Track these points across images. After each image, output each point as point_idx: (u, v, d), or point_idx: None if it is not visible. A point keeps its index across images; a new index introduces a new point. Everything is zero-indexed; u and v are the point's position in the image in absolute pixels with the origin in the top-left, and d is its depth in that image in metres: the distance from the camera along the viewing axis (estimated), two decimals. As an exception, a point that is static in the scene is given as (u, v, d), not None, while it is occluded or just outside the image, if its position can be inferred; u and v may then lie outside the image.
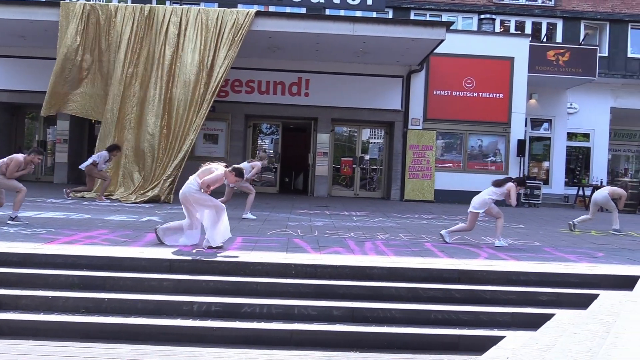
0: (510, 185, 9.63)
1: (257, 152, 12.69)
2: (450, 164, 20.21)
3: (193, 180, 8.10)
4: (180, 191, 8.16)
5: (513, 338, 5.81)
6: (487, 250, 9.11)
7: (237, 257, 7.46)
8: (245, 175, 9.41)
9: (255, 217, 12.10)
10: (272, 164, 21.30)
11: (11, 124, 20.71)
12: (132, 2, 17.15)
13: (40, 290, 6.51)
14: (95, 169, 14.27)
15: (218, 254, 7.56)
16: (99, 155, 14.41)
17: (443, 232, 9.86)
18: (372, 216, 13.74)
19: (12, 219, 9.71)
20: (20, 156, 9.96)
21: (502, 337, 5.92)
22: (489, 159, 20.38)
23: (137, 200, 14.22)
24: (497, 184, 9.82)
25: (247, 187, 12.19)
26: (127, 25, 15.42)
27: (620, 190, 12.71)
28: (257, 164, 12.37)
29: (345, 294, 6.81)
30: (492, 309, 6.62)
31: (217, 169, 8.19)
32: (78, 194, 14.72)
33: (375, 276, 7.20)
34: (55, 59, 15.55)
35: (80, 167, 14.66)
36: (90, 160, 14.32)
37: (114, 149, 14.58)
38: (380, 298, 6.79)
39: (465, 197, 19.63)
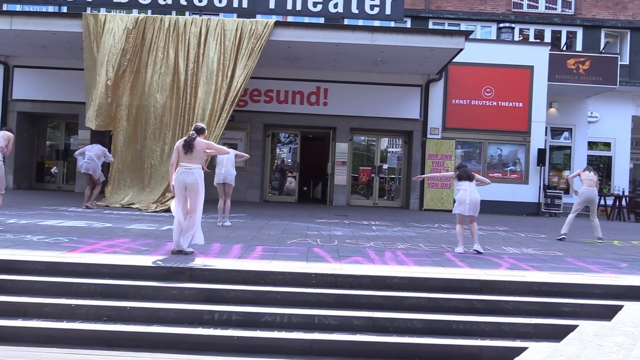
0: (475, 174, 10.10)
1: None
2: (470, 174, 20.07)
3: (198, 168, 8.02)
4: (189, 179, 7.94)
5: (536, 349, 5.75)
6: (509, 260, 9.03)
7: (257, 266, 7.48)
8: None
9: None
10: (290, 172, 21.38)
11: (33, 133, 20.95)
12: (152, 13, 17.28)
13: (64, 299, 6.56)
14: (99, 172, 14.47)
15: (239, 263, 7.58)
16: (107, 154, 14.72)
17: (458, 250, 9.70)
18: (392, 225, 13.70)
19: None
20: None
21: (524, 349, 5.87)
22: (508, 168, 20.26)
23: (157, 209, 14.31)
24: (470, 177, 9.94)
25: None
26: (146, 36, 15.55)
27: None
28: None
29: (365, 304, 6.79)
30: (514, 320, 6.56)
31: (207, 142, 8.40)
32: (100, 202, 14.91)
33: (396, 286, 7.17)
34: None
35: (93, 172, 14.47)
36: (99, 164, 14.45)
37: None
38: (401, 308, 6.76)
39: (485, 206, 19.40)
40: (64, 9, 18.87)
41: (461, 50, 16.23)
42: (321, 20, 19.92)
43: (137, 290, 6.77)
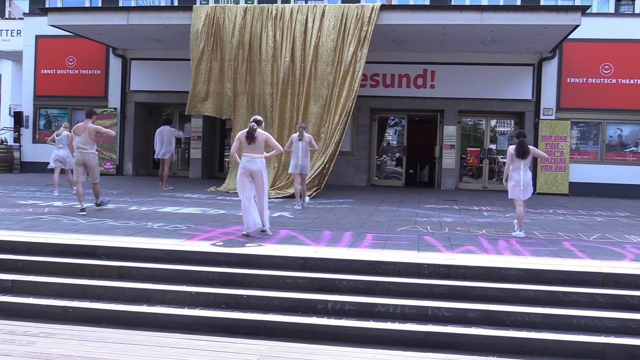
0: (532, 148, 9.82)
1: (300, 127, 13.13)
2: (587, 155, 19.14)
3: (260, 158, 8.69)
4: (254, 167, 8.62)
5: (668, 349, 5.42)
6: (633, 250, 8.52)
7: (368, 255, 7.49)
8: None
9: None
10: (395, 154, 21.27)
11: (149, 122, 21.95)
12: (259, 2, 17.58)
13: (184, 286, 6.86)
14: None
15: (350, 253, 7.62)
16: (175, 131, 16.63)
17: (519, 233, 9.59)
18: (503, 211, 13.26)
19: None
20: None
21: (654, 347, 5.55)
22: (629, 150, 19.11)
23: (278, 196, 14.53)
24: (524, 153, 9.62)
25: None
26: (255, 26, 15.82)
27: None
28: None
29: (480, 296, 6.65)
30: (641, 316, 6.21)
31: (266, 134, 8.92)
32: (220, 188, 15.56)
33: (512, 278, 6.97)
34: (188, 60, 16.33)
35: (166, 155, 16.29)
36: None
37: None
38: (518, 301, 6.56)
39: (603, 189, 18.71)
40: (176, 2, 19.58)
41: (577, 26, 15.39)
42: (427, 1, 19.51)
43: (252, 279, 6.97)
